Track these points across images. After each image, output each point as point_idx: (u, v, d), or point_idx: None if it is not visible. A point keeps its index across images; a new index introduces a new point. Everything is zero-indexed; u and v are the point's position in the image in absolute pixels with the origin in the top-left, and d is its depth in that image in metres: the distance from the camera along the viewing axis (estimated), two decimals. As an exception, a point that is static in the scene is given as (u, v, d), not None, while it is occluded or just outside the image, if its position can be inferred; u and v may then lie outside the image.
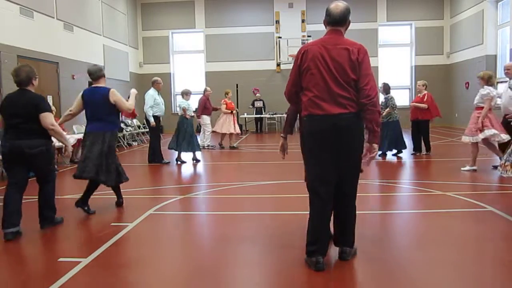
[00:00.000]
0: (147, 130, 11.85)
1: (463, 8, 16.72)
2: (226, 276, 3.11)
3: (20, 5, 10.46)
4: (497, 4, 15.05)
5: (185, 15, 18.73)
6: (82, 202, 4.87)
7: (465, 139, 6.94)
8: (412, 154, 9.17)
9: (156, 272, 3.16)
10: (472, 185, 6.14)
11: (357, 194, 3.25)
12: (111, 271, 3.27)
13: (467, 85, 16.26)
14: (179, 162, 8.89)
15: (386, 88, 9.09)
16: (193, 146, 8.83)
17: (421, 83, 9.33)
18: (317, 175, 3.13)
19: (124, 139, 12.64)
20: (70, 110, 5.01)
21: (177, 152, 8.95)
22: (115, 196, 5.20)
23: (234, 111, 11.76)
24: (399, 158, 8.85)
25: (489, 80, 6.81)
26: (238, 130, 11.80)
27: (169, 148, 8.90)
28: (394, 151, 9.03)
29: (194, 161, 8.97)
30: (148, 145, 9.07)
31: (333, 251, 3.36)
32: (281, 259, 3.34)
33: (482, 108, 6.73)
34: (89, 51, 14.06)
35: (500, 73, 14.87)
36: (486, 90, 6.72)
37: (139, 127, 14.30)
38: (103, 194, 5.64)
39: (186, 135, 8.74)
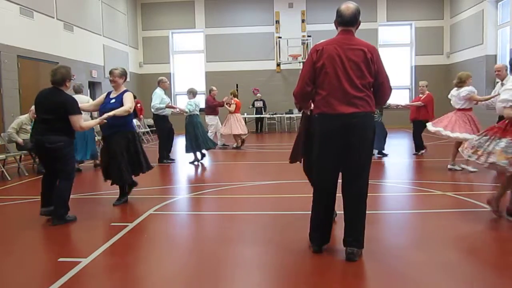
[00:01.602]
0: (153, 129, 11.83)
1: (463, 8, 16.72)
2: (226, 276, 3.11)
3: (20, 5, 10.46)
4: (497, 4, 15.04)
5: (185, 15, 18.73)
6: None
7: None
8: (414, 154, 9.19)
9: (156, 272, 3.16)
10: (472, 185, 6.14)
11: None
12: (111, 271, 3.27)
13: (467, 85, 16.25)
14: (196, 163, 8.85)
15: None
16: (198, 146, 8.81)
17: (425, 83, 9.30)
18: (322, 171, 3.28)
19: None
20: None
21: (197, 153, 8.93)
22: (114, 196, 5.25)
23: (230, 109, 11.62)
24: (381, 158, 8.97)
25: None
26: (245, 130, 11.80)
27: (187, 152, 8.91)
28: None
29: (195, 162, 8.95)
30: (157, 145, 9.06)
31: (336, 251, 3.36)
32: (281, 259, 3.34)
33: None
34: (89, 51, 14.07)
35: (500, 73, 14.85)
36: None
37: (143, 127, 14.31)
38: (104, 194, 5.65)
39: (193, 135, 8.73)
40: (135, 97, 14.59)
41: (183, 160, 9.14)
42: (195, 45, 19.27)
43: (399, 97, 15.01)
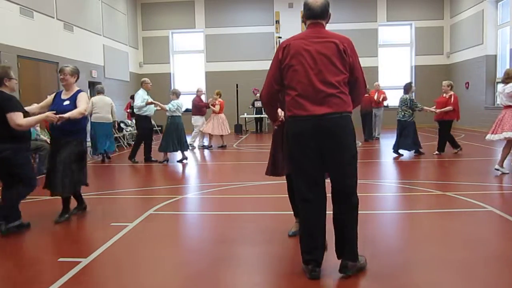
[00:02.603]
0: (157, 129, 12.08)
1: (463, 8, 16.73)
2: (226, 276, 3.10)
3: (20, 5, 10.46)
4: (497, 4, 15.05)
5: (185, 15, 18.73)
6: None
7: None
8: (454, 153, 9.06)
9: (156, 272, 3.16)
10: (472, 185, 6.13)
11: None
12: (111, 271, 3.27)
13: (467, 85, 16.26)
14: (184, 161, 9.01)
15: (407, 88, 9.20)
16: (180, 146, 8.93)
17: (447, 83, 9.20)
18: (303, 182, 2.91)
19: (124, 139, 12.66)
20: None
21: (179, 153, 9.08)
22: (114, 197, 5.23)
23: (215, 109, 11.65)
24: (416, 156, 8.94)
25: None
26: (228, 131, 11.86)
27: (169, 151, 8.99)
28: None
29: (184, 161, 9.04)
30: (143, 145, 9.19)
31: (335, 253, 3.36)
32: (282, 259, 3.34)
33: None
34: (89, 51, 14.06)
35: (500, 73, 14.87)
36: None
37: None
38: (104, 194, 5.64)
39: (173, 135, 8.83)
40: (131, 97, 14.62)
41: (180, 161, 9.13)
42: (195, 45, 19.28)
43: (399, 97, 14.95)
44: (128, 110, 14.35)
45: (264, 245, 3.68)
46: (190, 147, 11.06)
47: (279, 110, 3.42)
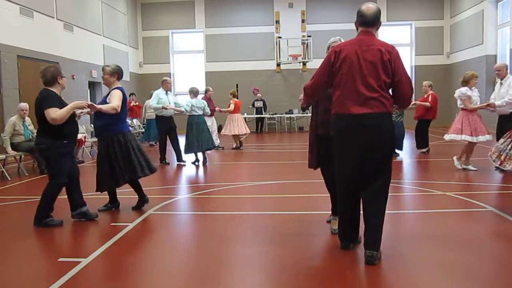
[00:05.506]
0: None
1: (463, 8, 16.73)
2: (226, 276, 3.11)
3: (20, 5, 10.46)
4: (497, 4, 15.05)
5: (185, 15, 18.73)
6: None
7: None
8: (422, 152, 9.22)
9: (156, 272, 3.16)
10: (472, 185, 6.14)
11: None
12: (111, 271, 3.27)
13: (467, 85, 16.26)
14: (197, 163, 8.75)
15: None
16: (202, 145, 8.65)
17: (427, 83, 9.42)
18: (345, 175, 3.26)
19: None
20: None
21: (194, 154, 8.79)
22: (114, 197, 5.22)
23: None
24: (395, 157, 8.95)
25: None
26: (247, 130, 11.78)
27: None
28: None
29: (196, 163, 8.85)
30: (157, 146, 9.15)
31: (335, 252, 3.36)
32: (282, 259, 3.34)
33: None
34: (89, 51, 14.07)
35: (500, 73, 14.86)
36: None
37: (139, 127, 14.30)
38: (104, 194, 5.63)
39: (192, 135, 8.59)
40: (130, 94, 14.51)
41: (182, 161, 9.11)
42: (195, 45, 19.28)
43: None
44: (133, 104, 14.10)
45: (264, 245, 3.68)
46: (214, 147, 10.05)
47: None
